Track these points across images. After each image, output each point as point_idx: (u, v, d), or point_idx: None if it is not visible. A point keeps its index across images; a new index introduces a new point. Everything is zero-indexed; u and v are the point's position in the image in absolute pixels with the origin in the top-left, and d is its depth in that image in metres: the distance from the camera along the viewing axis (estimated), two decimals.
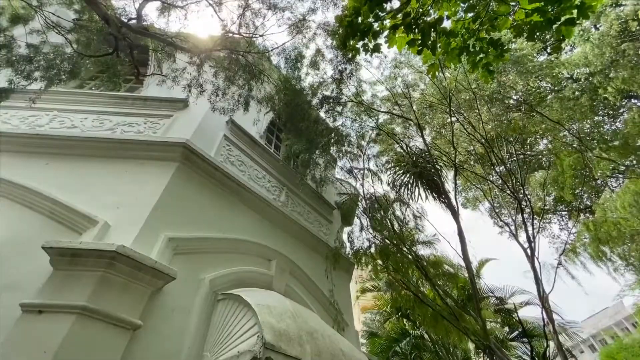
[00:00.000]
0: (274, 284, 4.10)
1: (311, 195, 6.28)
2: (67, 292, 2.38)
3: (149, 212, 3.24)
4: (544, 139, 11.14)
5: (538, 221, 7.82)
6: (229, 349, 2.70)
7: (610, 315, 33.61)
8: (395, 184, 6.92)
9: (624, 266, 8.44)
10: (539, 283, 4.97)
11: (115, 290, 2.51)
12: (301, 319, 3.16)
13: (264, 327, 2.56)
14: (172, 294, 2.99)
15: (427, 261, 5.92)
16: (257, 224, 4.58)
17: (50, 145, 3.90)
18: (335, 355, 2.99)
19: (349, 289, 6.06)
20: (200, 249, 3.56)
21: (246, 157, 5.20)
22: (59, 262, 2.54)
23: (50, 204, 3.25)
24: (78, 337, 2.19)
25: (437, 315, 5.22)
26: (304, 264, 4.93)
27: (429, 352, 8.88)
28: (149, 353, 2.59)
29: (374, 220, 5.72)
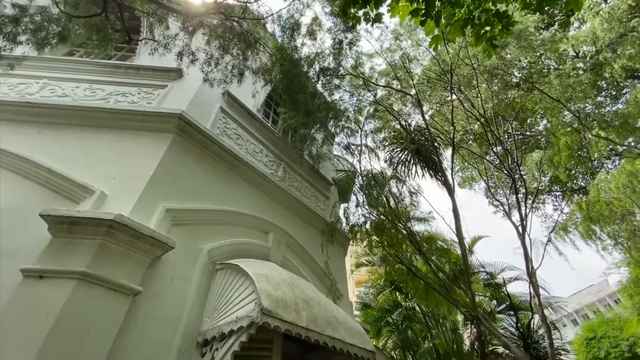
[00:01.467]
0: (271, 255, 4.19)
1: (309, 171, 6.28)
2: (66, 258, 2.41)
3: (145, 182, 3.23)
4: (543, 120, 11.08)
5: (531, 200, 7.93)
6: (228, 314, 2.80)
7: (595, 292, 34.96)
8: (392, 161, 6.91)
9: (612, 245, 8.68)
10: (528, 259, 5.12)
11: (115, 258, 2.55)
12: (297, 288, 3.25)
13: (262, 295, 2.63)
14: (171, 263, 3.04)
15: (421, 237, 6.04)
16: (254, 198, 4.60)
17: (42, 114, 3.81)
18: (329, 322, 3.11)
19: (344, 263, 6.22)
20: (198, 220, 3.60)
21: (243, 130, 5.13)
22: (57, 230, 2.55)
23: (46, 173, 3.22)
24: (79, 301, 2.24)
25: (429, 288, 5.41)
26: (301, 238, 5.01)
27: (419, 323, 9.30)
28: (149, 318, 2.68)
29: (370, 197, 5.76)
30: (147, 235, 2.71)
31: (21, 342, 2.01)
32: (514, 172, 6.18)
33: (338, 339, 3.01)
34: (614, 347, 12.63)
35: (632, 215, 7.51)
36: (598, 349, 13.07)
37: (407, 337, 8.77)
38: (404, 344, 8.80)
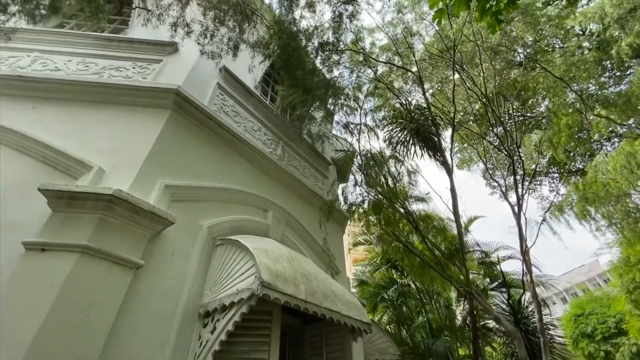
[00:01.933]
0: (271, 232, 4.24)
1: (307, 150, 6.25)
2: (67, 232, 2.44)
3: (143, 159, 3.22)
4: (545, 100, 10.95)
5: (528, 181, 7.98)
6: (229, 287, 2.87)
7: (585, 272, 35.92)
8: (391, 140, 6.87)
9: (606, 226, 8.83)
10: (522, 237, 5.22)
11: (115, 232, 2.57)
12: (296, 263, 3.32)
13: (261, 268, 2.69)
14: (172, 238, 3.08)
15: (418, 216, 6.12)
16: (253, 176, 4.61)
17: (35, 88, 3.73)
18: (327, 295, 3.20)
19: (342, 240, 6.32)
20: (198, 197, 3.61)
21: (241, 108, 5.05)
22: (56, 205, 2.56)
23: (42, 149, 3.19)
24: (82, 273, 2.29)
25: (425, 265, 5.55)
26: (299, 216, 5.06)
27: (413, 299, 9.60)
28: (152, 291, 2.74)
29: (368, 177, 5.78)
30: (147, 211, 2.73)
31: (27, 311, 2.06)
32: (513, 153, 6.17)
33: (335, 311, 3.11)
34: (600, 324, 13.16)
35: (628, 197, 7.60)
36: (585, 325, 13.61)
37: (401, 313, 9.09)
38: (399, 318, 9.14)
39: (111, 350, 2.26)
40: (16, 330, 1.98)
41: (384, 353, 4.90)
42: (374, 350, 4.90)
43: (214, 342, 2.55)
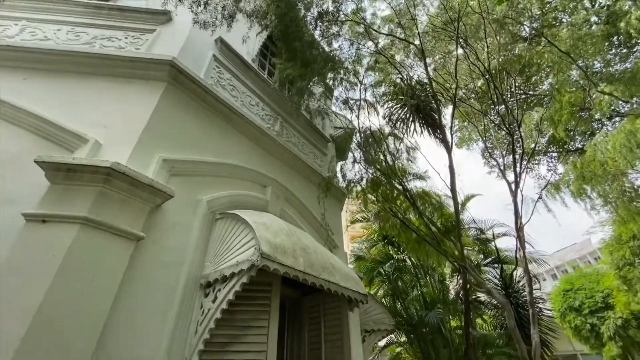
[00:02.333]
0: (270, 208, 4.27)
1: (306, 127, 6.18)
2: (67, 204, 2.44)
3: (140, 132, 3.18)
4: (548, 78, 10.74)
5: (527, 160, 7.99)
6: (229, 259, 2.93)
7: (577, 250, 36.78)
8: (391, 117, 6.79)
9: (600, 204, 8.95)
10: (517, 213, 5.30)
11: (115, 205, 2.59)
12: (295, 236, 3.38)
13: (261, 241, 2.74)
14: (172, 212, 3.11)
15: (416, 193, 6.16)
16: (251, 152, 4.58)
17: (25, 58, 3.61)
18: (325, 267, 3.28)
19: (340, 217, 6.40)
20: (196, 171, 3.60)
21: (238, 82, 4.94)
22: (54, 177, 2.55)
23: (37, 121, 3.14)
24: (84, 244, 2.32)
25: (421, 240, 5.66)
26: (298, 192, 5.08)
27: (408, 274, 9.88)
28: (153, 262, 2.79)
29: (367, 154, 5.75)
30: (146, 184, 2.73)
31: (31, 280, 2.10)
32: (513, 131, 6.12)
33: (333, 282, 3.21)
34: (588, 298, 13.66)
35: (625, 176, 7.64)
36: (573, 299, 14.13)
37: (397, 287, 9.39)
38: (394, 292, 9.45)
39: (115, 318, 2.33)
40: (21, 298, 2.02)
41: (379, 323, 5.10)
42: (369, 321, 5.10)
43: (215, 310, 2.64)
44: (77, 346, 2.04)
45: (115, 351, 2.27)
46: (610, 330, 12.25)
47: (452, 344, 8.47)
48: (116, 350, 2.28)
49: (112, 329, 2.29)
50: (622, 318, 11.98)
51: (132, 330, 2.43)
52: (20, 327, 1.88)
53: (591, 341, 13.39)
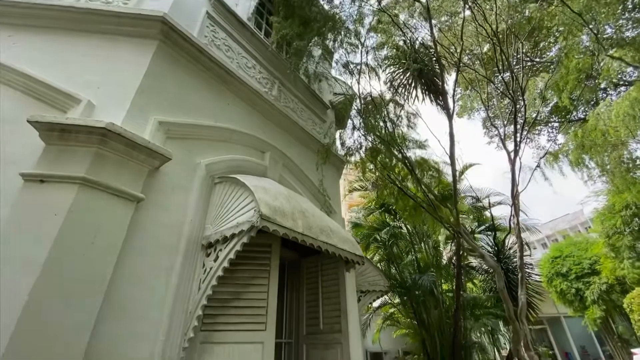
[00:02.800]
0: (268, 173, 4.27)
1: (304, 92, 6.02)
2: (64, 164, 2.43)
3: (133, 93, 3.08)
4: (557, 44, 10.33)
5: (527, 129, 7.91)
6: (229, 221, 2.98)
7: (569, 220, 37.62)
8: (393, 83, 6.59)
9: (598, 174, 9.02)
10: (514, 181, 5.35)
11: (112, 166, 2.57)
12: (294, 200, 3.41)
13: (260, 203, 2.76)
14: (170, 174, 3.11)
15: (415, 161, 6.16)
16: (248, 116, 4.49)
17: (9, 13, 3.42)
18: (323, 230, 3.35)
19: (338, 184, 6.44)
20: (193, 135, 3.55)
21: (233, 42, 4.72)
22: (48, 137, 2.51)
23: (28, 81, 3.03)
24: (84, 204, 2.33)
25: (417, 207, 5.75)
26: (297, 159, 5.06)
27: (404, 241, 10.17)
28: (154, 223, 2.84)
29: (367, 120, 5.66)
30: (142, 145, 2.70)
31: (34, 238, 2.13)
32: (517, 98, 5.98)
33: (331, 244, 3.30)
34: (576, 265, 14.19)
35: (625, 146, 7.63)
36: (561, 265, 14.69)
37: (392, 252, 9.70)
38: (389, 257, 9.79)
39: (120, 274, 2.41)
40: (25, 256, 2.06)
41: (374, 285, 5.33)
42: (365, 282, 5.33)
43: (217, 268, 2.73)
44: (86, 299, 2.13)
45: (121, 305, 2.37)
46: (594, 295, 12.88)
47: (442, 306, 8.92)
48: (122, 305, 2.38)
49: (118, 284, 2.38)
50: (606, 283, 12.55)
51: (137, 286, 2.53)
52: (28, 281, 1.94)
53: (575, 304, 14.12)
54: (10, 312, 1.85)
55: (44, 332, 1.91)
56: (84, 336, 2.07)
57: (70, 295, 2.07)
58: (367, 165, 6.64)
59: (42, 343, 1.89)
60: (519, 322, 4.57)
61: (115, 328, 2.28)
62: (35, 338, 1.87)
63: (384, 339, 12.03)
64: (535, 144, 14.30)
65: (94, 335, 2.12)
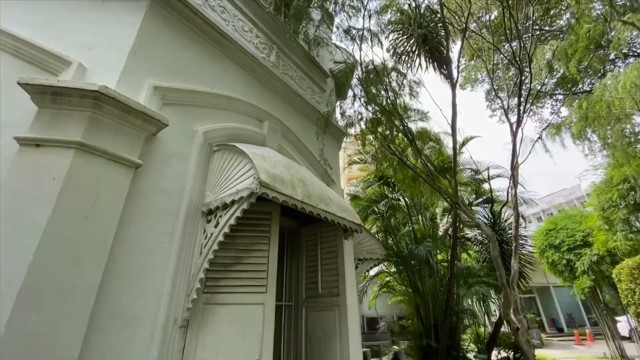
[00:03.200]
0: (267, 142, 4.23)
1: (304, 59, 5.80)
2: (59, 129, 2.38)
3: (126, 55, 2.96)
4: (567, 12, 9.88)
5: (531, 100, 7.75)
6: (229, 188, 2.99)
7: (565, 195, 38.05)
8: (396, 50, 6.35)
9: (599, 147, 8.98)
10: (515, 152, 5.33)
11: (108, 131, 2.53)
12: (293, 169, 3.41)
13: (259, 170, 2.76)
14: (168, 141, 3.07)
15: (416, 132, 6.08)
16: (246, 83, 4.37)
17: None
18: (323, 199, 3.38)
19: (337, 156, 6.40)
20: (190, 101, 3.47)
21: (228, 2, 4.47)
22: (41, 100, 2.44)
23: (15, 42, 2.89)
24: (82, 168, 2.32)
25: (416, 178, 5.77)
26: (296, 129, 4.99)
27: (401, 213, 10.32)
28: (154, 189, 2.84)
29: (368, 90, 5.51)
30: (138, 110, 2.64)
31: (34, 202, 2.13)
32: (523, 67, 5.79)
33: (330, 212, 3.33)
34: (569, 237, 14.50)
35: (629, 118, 7.52)
36: (555, 237, 15.01)
37: (390, 224, 9.87)
38: (387, 229, 9.98)
39: (122, 239, 2.45)
40: (27, 219, 2.07)
41: (371, 253, 5.47)
42: (362, 251, 5.46)
43: (218, 233, 2.78)
44: (90, 260, 2.18)
45: (124, 268, 2.43)
46: (584, 265, 13.28)
47: (437, 274, 9.23)
48: (126, 267, 2.44)
49: (121, 248, 2.42)
50: (597, 255, 12.89)
51: (140, 250, 2.58)
52: (31, 242, 1.97)
53: (565, 274, 14.61)
54: (16, 272, 1.89)
55: (51, 291, 1.97)
56: (91, 295, 2.14)
57: (74, 256, 2.11)
58: (367, 137, 6.57)
59: (49, 301, 1.95)
60: (510, 289, 4.75)
61: (119, 289, 2.36)
62: (43, 296, 1.93)
63: (380, 305, 12.59)
64: (538, 117, 14.10)
65: (99, 294, 2.20)
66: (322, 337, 3.62)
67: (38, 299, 1.91)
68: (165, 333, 2.53)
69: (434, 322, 8.39)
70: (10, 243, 1.99)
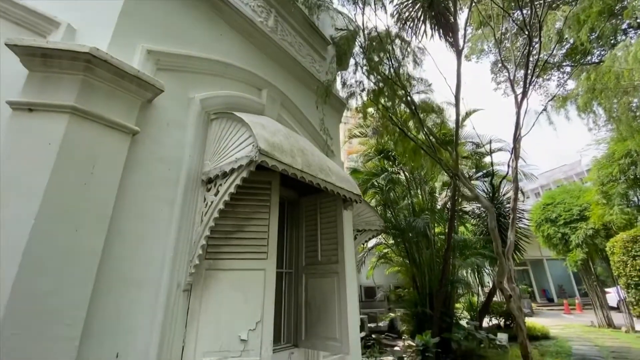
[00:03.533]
0: (266, 112, 4.14)
1: (303, 25, 5.54)
2: (51, 93, 2.31)
3: (116, 16, 2.82)
4: None
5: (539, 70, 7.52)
6: (227, 157, 2.96)
7: (565, 171, 38.04)
8: (400, 16, 6.05)
9: (604, 121, 8.84)
10: (518, 124, 5.25)
11: (102, 96, 2.46)
12: (293, 139, 3.36)
13: (258, 138, 2.71)
14: (164, 109, 3.00)
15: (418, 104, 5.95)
16: (243, 49, 4.20)
17: None
18: (322, 169, 3.36)
19: (338, 128, 6.30)
20: (185, 67, 3.35)
21: None
22: (31, 63, 2.35)
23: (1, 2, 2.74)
24: (78, 134, 2.27)
25: (417, 149, 5.72)
26: (295, 98, 4.87)
27: (401, 187, 10.38)
28: (152, 157, 2.81)
29: (371, 57, 5.31)
30: (132, 75, 2.55)
31: (30, 168, 2.10)
32: (533, 32, 5.55)
33: (330, 182, 3.33)
34: (566, 211, 14.68)
35: (637, 90, 7.33)
36: (552, 212, 15.21)
37: (389, 197, 9.97)
38: (386, 202, 10.09)
39: (122, 207, 2.45)
40: (25, 184, 2.05)
41: (370, 224, 5.55)
42: (361, 222, 5.54)
43: (218, 201, 2.79)
44: (92, 225, 2.20)
45: (126, 233, 2.46)
46: (579, 239, 13.56)
47: (434, 247, 9.45)
48: (127, 233, 2.47)
49: (121, 215, 2.44)
50: (593, 229, 13.12)
51: (140, 217, 2.59)
52: (32, 206, 1.98)
53: (559, 247, 14.96)
54: (19, 234, 1.91)
55: (55, 254, 2.00)
56: (94, 259, 2.18)
57: (75, 221, 2.13)
58: (368, 109, 6.44)
59: (54, 263, 1.99)
60: (505, 259, 4.86)
61: (122, 254, 2.40)
62: (47, 259, 1.97)
63: (377, 275, 13.01)
64: (543, 91, 13.79)
65: (103, 259, 2.24)
66: (321, 302, 3.75)
67: (43, 261, 1.95)
68: (170, 296, 2.61)
69: (429, 291, 8.70)
70: (10, 207, 1.99)
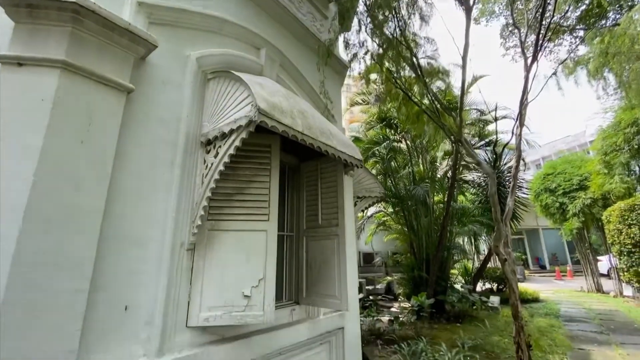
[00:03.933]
0: (264, 72, 3.99)
1: None
2: (40, 46, 2.20)
3: None
4: None
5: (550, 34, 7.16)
6: (226, 118, 2.89)
7: (569, 142, 37.64)
8: None
9: (613, 89, 8.56)
10: (525, 89, 5.09)
11: (93, 51, 2.35)
12: (293, 100, 3.26)
13: (257, 98, 2.63)
14: (159, 67, 2.89)
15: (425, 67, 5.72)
16: (241, 4, 3.96)
17: None
18: (324, 132, 3.30)
19: (339, 92, 6.12)
20: (179, 22, 3.18)
21: None
22: (16, 14, 2.22)
23: None
24: (71, 89, 2.20)
25: (420, 114, 5.61)
26: (295, 59, 4.67)
27: (402, 155, 10.33)
28: (149, 117, 2.76)
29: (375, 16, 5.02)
30: (122, 27, 2.42)
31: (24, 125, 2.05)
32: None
33: (331, 146, 3.29)
34: (566, 181, 14.72)
35: None
36: (551, 182, 15.25)
37: (390, 166, 9.95)
38: (386, 171, 10.09)
39: (122, 167, 2.44)
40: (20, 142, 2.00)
41: (370, 191, 5.58)
42: (362, 189, 5.56)
43: (218, 163, 2.77)
44: (92, 183, 2.19)
45: (127, 192, 2.46)
46: (576, 208, 13.72)
47: (432, 214, 9.59)
48: (128, 192, 2.47)
49: (121, 174, 2.43)
50: (591, 198, 13.22)
51: (141, 177, 2.59)
52: (29, 164, 1.95)
53: (556, 217, 15.18)
54: (19, 190, 1.90)
55: (57, 211, 2.01)
56: (97, 217, 2.20)
57: (75, 179, 2.12)
58: (371, 74, 6.21)
59: (57, 221, 2.00)
60: (503, 224, 4.94)
61: (124, 213, 2.42)
62: (50, 216, 1.97)
63: (376, 242, 13.34)
64: (554, 56, 13.28)
65: (105, 217, 2.26)
66: (321, 263, 3.86)
67: (45, 219, 1.96)
68: (174, 255, 2.67)
69: (426, 256, 8.96)
70: (7, 165, 1.97)
